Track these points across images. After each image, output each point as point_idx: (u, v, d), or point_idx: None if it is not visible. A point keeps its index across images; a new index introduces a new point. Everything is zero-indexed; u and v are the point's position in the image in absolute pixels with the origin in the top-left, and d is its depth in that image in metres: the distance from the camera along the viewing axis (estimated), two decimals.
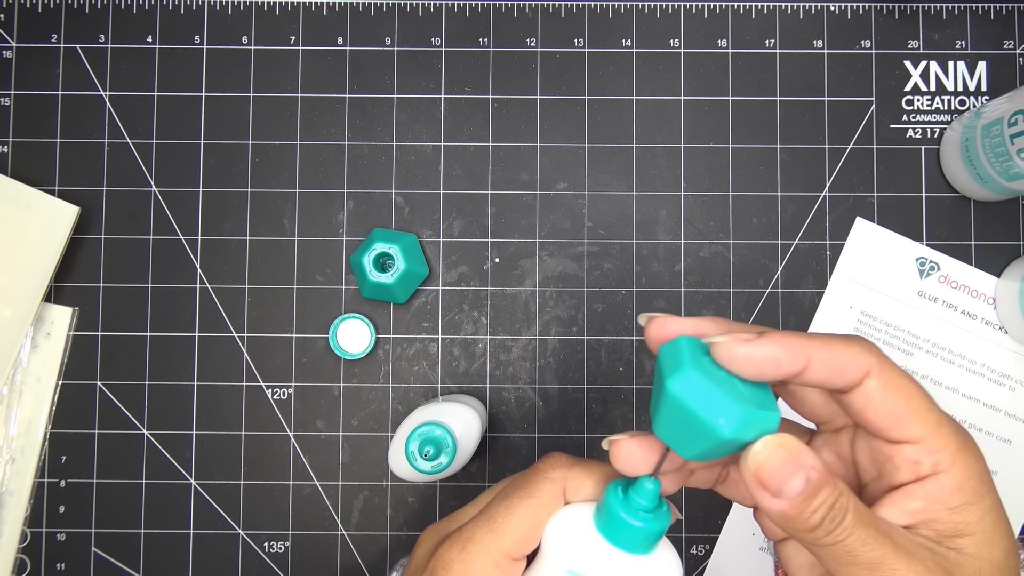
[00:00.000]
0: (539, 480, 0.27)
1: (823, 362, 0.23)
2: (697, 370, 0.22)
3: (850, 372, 0.23)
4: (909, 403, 0.23)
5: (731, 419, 0.21)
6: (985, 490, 0.23)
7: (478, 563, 0.26)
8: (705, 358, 0.23)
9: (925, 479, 0.23)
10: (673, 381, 0.22)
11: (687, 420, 0.22)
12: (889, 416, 0.23)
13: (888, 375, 0.23)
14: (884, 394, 0.23)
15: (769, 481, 0.22)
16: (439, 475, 0.39)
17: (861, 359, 0.23)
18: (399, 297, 0.43)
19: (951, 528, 0.23)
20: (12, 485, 0.43)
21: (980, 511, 0.23)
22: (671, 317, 0.25)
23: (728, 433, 0.21)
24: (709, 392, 0.22)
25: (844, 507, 0.22)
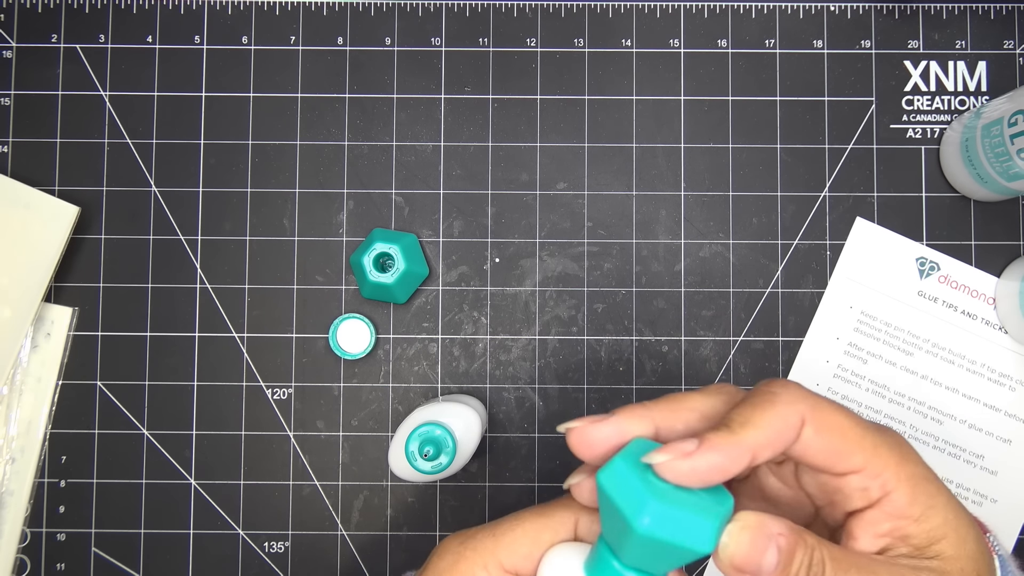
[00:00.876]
0: (557, 504, 0.27)
1: (765, 447, 0.23)
2: (658, 500, 0.22)
3: (789, 435, 0.23)
4: (844, 438, 0.23)
5: (707, 536, 0.22)
6: (936, 489, 0.24)
7: (470, 559, 0.26)
8: (648, 472, 0.23)
9: (879, 501, 0.24)
10: (641, 520, 0.21)
11: (663, 549, 0.22)
12: (829, 455, 0.24)
13: (820, 416, 0.23)
14: (819, 437, 0.23)
15: (746, 566, 0.22)
16: (439, 475, 0.39)
17: (793, 416, 0.23)
18: (399, 297, 0.43)
19: (925, 538, 0.23)
20: (12, 485, 0.43)
21: (942, 512, 0.23)
22: (591, 425, 0.24)
23: (708, 548, 0.22)
24: (679, 519, 0.22)
25: (821, 561, 0.23)
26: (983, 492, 0.44)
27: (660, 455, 0.22)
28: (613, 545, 0.23)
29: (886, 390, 0.44)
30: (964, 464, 0.44)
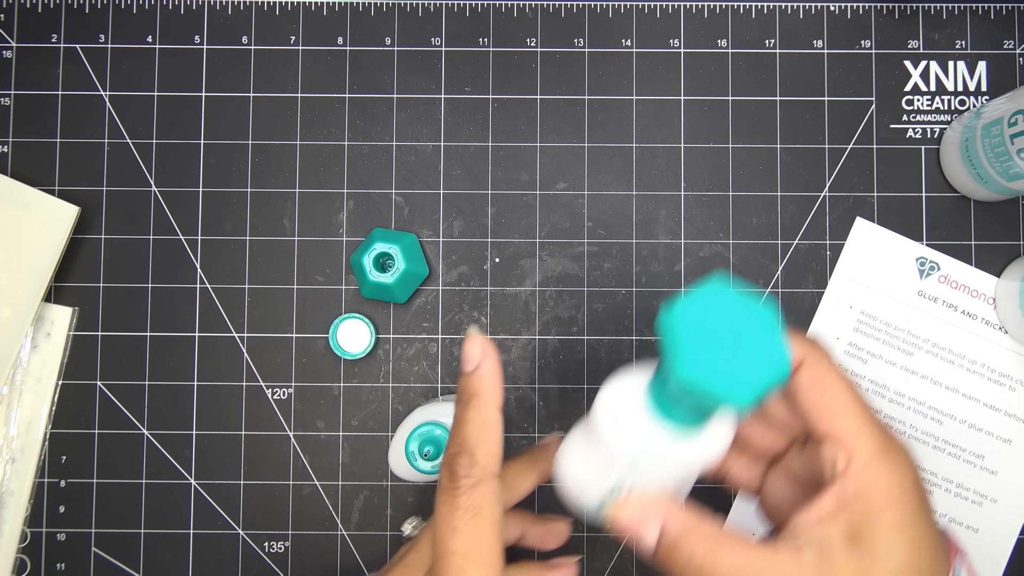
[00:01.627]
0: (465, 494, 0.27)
1: None
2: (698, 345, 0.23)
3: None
4: (835, 399, 0.25)
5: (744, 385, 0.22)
6: (893, 503, 0.24)
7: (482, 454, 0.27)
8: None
9: (839, 479, 0.24)
10: (678, 364, 0.22)
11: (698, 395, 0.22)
12: (814, 407, 0.25)
13: (820, 370, 0.25)
14: (810, 387, 0.25)
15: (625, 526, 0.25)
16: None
17: (796, 349, 0.25)
18: (399, 297, 0.43)
19: (851, 528, 0.24)
20: (12, 485, 0.43)
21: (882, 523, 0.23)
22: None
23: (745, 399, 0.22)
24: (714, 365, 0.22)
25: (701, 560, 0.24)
26: (983, 492, 0.44)
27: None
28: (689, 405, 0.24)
29: (886, 390, 0.44)
30: (964, 464, 0.44)
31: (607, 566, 0.44)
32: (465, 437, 0.28)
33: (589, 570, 0.44)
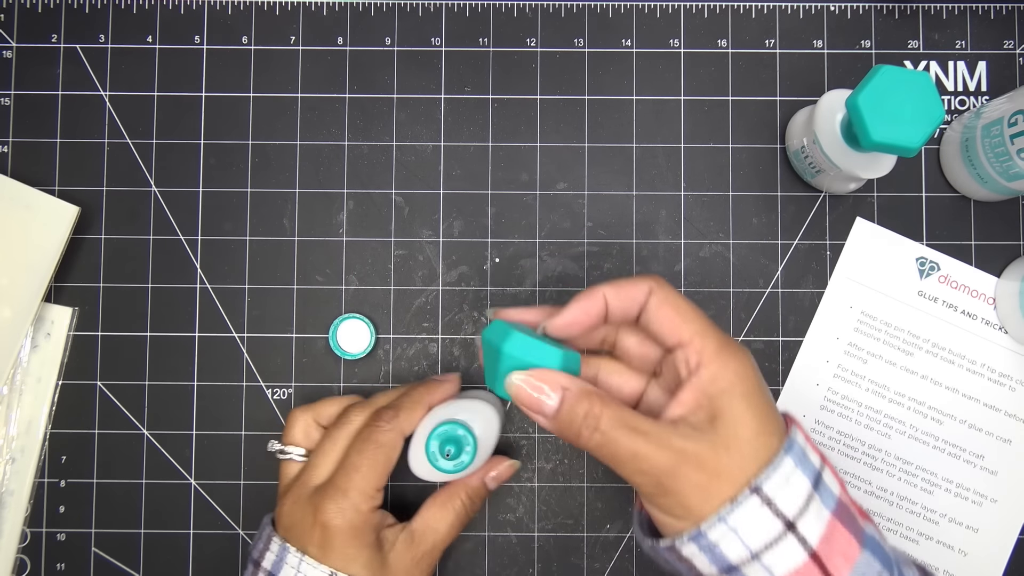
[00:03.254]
0: (380, 432, 0.37)
1: (614, 294, 0.31)
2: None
3: (636, 294, 0.31)
4: (679, 314, 0.31)
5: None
6: (738, 382, 0.29)
7: (363, 501, 0.36)
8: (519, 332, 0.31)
9: (692, 374, 0.30)
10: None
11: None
12: (664, 324, 0.31)
13: (663, 294, 0.31)
14: (660, 308, 0.31)
15: (527, 406, 0.30)
16: (461, 474, 0.38)
17: (643, 284, 0.31)
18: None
19: (709, 411, 0.29)
20: (12, 485, 0.43)
21: (732, 398, 0.29)
22: (511, 309, 0.34)
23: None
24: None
25: (597, 416, 0.29)
26: (983, 492, 0.44)
27: (548, 321, 0.32)
28: (489, 383, 0.32)
29: (886, 390, 0.44)
30: (964, 464, 0.44)
31: (607, 566, 0.44)
32: (401, 403, 0.38)
33: (589, 570, 0.44)
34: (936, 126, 0.36)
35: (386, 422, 0.37)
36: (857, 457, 0.44)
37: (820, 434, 0.44)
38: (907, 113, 0.35)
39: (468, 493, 0.39)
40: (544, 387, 0.30)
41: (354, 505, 0.36)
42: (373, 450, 0.36)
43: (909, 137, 0.35)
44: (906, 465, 0.44)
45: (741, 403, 0.29)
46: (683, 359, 0.30)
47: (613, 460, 0.29)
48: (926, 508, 0.44)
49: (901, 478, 0.44)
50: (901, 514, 0.44)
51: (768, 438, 0.29)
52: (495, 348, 0.30)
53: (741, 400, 0.29)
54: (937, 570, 0.44)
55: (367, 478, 0.36)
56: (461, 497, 0.39)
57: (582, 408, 0.29)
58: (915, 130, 0.35)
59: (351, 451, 0.37)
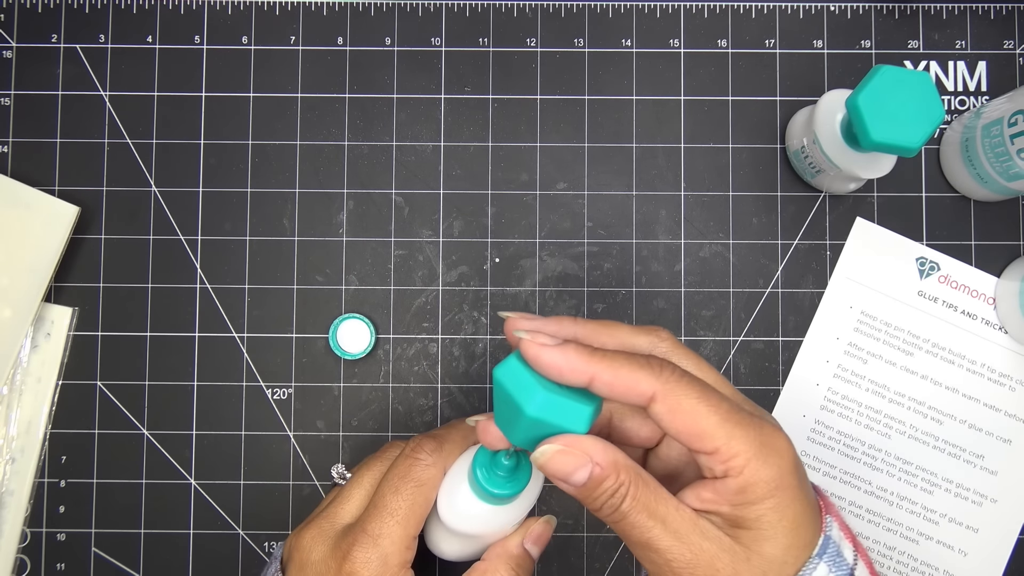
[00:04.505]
0: (420, 467, 0.32)
1: (605, 383, 0.26)
2: (520, 362, 0.27)
3: (633, 396, 0.26)
4: (696, 423, 0.26)
5: (535, 401, 0.26)
6: (770, 493, 0.26)
7: (395, 553, 0.31)
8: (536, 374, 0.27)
9: (717, 479, 0.26)
10: (498, 368, 0.27)
11: (507, 402, 0.26)
12: (680, 434, 0.26)
13: (674, 400, 0.26)
14: (671, 417, 0.26)
15: (554, 475, 0.27)
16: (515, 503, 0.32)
17: (644, 384, 0.26)
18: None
19: (734, 519, 0.26)
20: (12, 485, 0.43)
21: (760, 510, 0.26)
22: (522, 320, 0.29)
23: (531, 411, 0.26)
24: (524, 379, 0.26)
25: (623, 495, 0.26)
26: (983, 492, 0.44)
27: (525, 334, 0.27)
28: (503, 429, 0.28)
29: (886, 390, 0.44)
30: (964, 464, 0.44)
31: (607, 566, 0.44)
32: (444, 435, 0.33)
33: (589, 570, 0.44)
34: (936, 126, 0.36)
35: (427, 454, 0.32)
36: (857, 457, 0.44)
37: (820, 434, 0.44)
38: (907, 113, 0.35)
39: (512, 564, 0.33)
40: (575, 461, 0.26)
41: (383, 556, 0.31)
42: (412, 490, 0.32)
43: (909, 137, 0.35)
44: (906, 465, 0.44)
45: (772, 516, 0.26)
46: (706, 465, 0.26)
47: (626, 539, 0.27)
48: (926, 508, 0.44)
49: (901, 478, 0.44)
50: (901, 514, 0.44)
51: (799, 551, 0.26)
52: (515, 405, 0.26)
53: (772, 513, 0.26)
54: (937, 570, 0.44)
55: (403, 524, 0.31)
56: (503, 572, 0.33)
57: (609, 484, 0.26)
58: (915, 130, 0.35)
59: (385, 489, 0.32)
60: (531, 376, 0.26)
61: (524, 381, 0.26)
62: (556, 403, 0.26)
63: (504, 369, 0.27)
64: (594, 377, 0.26)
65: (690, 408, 0.26)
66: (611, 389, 0.26)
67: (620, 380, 0.26)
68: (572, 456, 0.26)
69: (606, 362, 0.26)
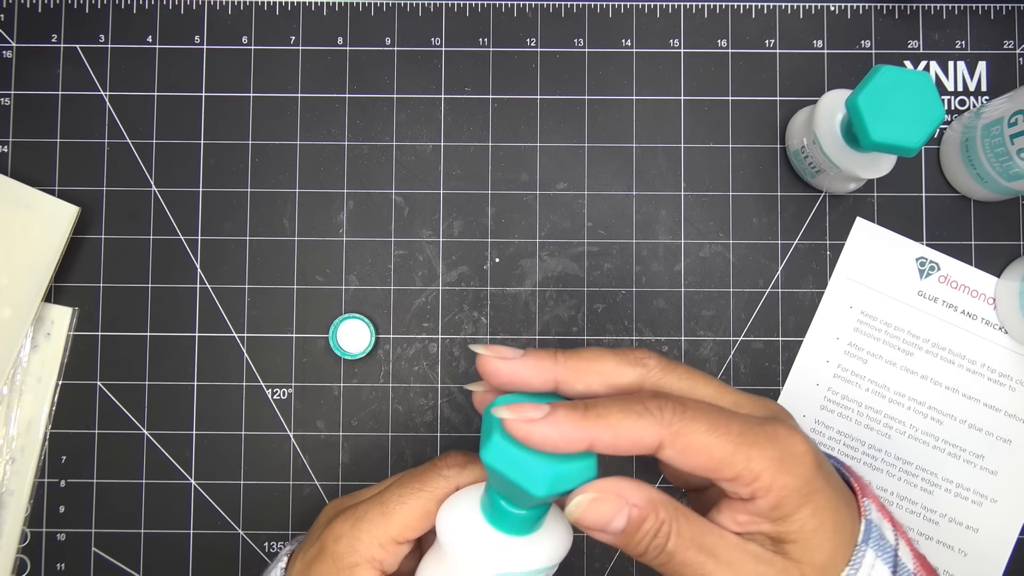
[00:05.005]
0: (434, 476, 0.30)
1: (607, 444, 0.24)
2: (504, 438, 0.24)
3: (639, 448, 0.25)
4: (711, 458, 0.24)
5: (541, 480, 0.24)
6: (803, 501, 0.25)
7: (365, 540, 0.29)
8: None
9: (747, 500, 0.25)
10: (484, 452, 0.24)
11: (507, 484, 0.24)
12: (697, 470, 0.25)
13: (681, 442, 0.24)
14: (683, 458, 0.25)
15: (592, 527, 0.25)
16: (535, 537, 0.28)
17: (648, 436, 0.24)
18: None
19: (777, 536, 0.25)
20: (12, 485, 0.43)
21: (799, 521, 0.25)
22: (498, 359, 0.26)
23: (542, 492, 0.24)
24: (517, 458, 0.24)
25: (667, 533, 0.25)
26: (983, 492, 0.44)
27: (508, 412, 0.24)
28: (507, 499, 0.26)
29: (886, 390, 0.44)
30: (964, 464, 0.44)
31: (607, 566, 0.44)
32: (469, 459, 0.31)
33: (589, 570, 0.44)
34: (936, 126, 0.36)
35: (448, 467, 0.30)
36: (857, 457, 0.44)
37: (820, 434, 0.44)
38: (907, 113, 0.35)
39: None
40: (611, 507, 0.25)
41: (355, 537, 0.29)
42: (414, 491, 0.30)
43: (909, 137, 0.35)
44: (906, 465, 0.44)
45: (812, 523, 0.25)
46: (731, 490, 0.25)
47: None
48: (926, 508, 0.44)
49: (901, 478, 0.44)
50: (901, 514, 0.44)
51: (846, 548, 0.26)
52: (518, 488, 0.24)
53: (812, 520, 0.25)
54: (937, 570, 0.44)
55: (387, 518, 0.29)
56: None
57: (650, 524, 0.25)
58: (915, 130, 0.35)
59: (393, 484, 0.31)
60: (523, 453, 0.24)
61: (519, 461, 0.24)
62: (562, 473, 0.24)
63: (492, 452, 0.24)
64: (593, 442, 0.24)
65: (701, 444, 0.24)
66: (614, 448, 0.25)
67: (622, 438, 0.24)
68: (607, 503, 0.25)
69: (602, 423, 0.24)
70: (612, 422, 0.24)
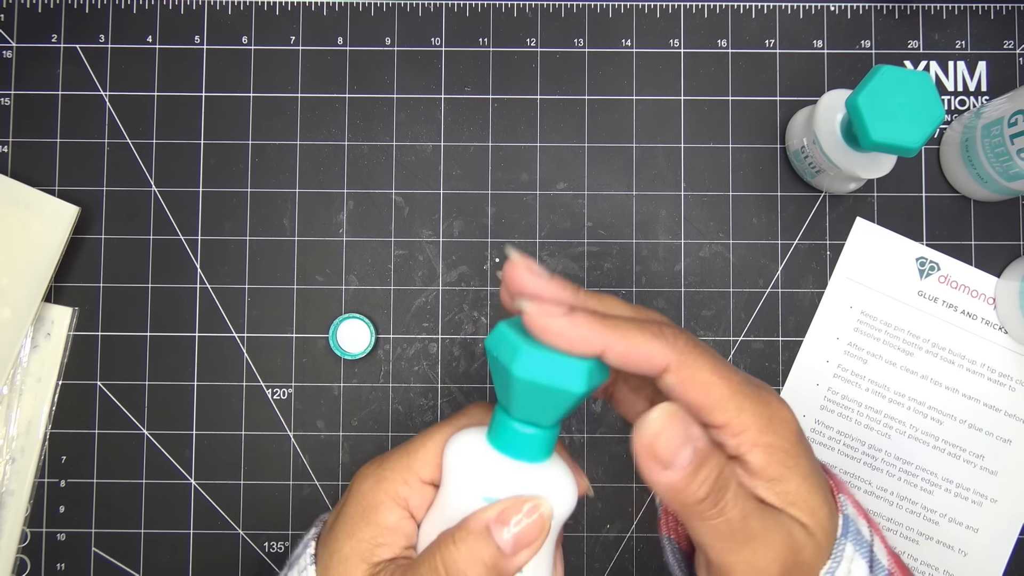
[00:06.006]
0: (458, 417, 0.29)
1: (618, 354, 0.24)
2: (530, 347, 0.24)
3: (646, 366, 0.24)
4: (708, 396, 0.24)
5: (579, 377, 0.24)
6: (791, 463, 0.25)
7: (389, 478, 0.28)
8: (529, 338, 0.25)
9: (737, 459, 0.25)
10: (516, 365, 0.24)
11: (537, 393, 0.24)
12: (691, 406, 0.25)
13: (687, 371, 0.24)
14: (683, 388, 0.24)
15: (663, 452, 0.23)
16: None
17: (658, 356, 0.24)
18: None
19: (778, 500, 0.25)
20: (12, 485, 0.43)
21: (794, 483, 0.25)
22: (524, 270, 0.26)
23: (581, 388, 0.24)
24: (551, 361, 0.24)
25: (727, 479, 0.24)
26: (983, 492, 0.44)
27: (529, 304, 0.24)
28: (505, 404, 0.25)
29: (886, 390, 0.44)
30: (964, 464, 0.44)
31: (607, 566, 0.44)
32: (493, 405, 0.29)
33: (589, 570, 0.44)
34: (936, 126, 0.36)
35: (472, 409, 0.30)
36: (857, 457, 0.44)
37: (820, 434, 0.44)
38: (907, 113, 0.35)
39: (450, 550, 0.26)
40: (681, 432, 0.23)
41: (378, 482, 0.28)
42: (437, 430, 0.29)
43: (909, 137, 0.35)
44: (906, 465, 0.44)
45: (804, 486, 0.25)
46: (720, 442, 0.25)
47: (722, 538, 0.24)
48: (926, 508, 0.44)
49: (901, 478, 0.44)
50: (901, 514, 0.44)
51: (834, 523, 0.26)
52: (505, 371, 0.24)
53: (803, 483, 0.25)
54: (937, 570, 0.44)
55: (412, 458, 0.28)
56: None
57: (715, 467, 0.23)
58: (915, 130, 0.35)
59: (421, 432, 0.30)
60: (520, 339, 0.24)
61: (512, 344, 0.24)
62: (547, 360, 0.24)
63: (494, 338, 0.25)
64: (607, 348, 0.24)
65: (703, 380, 0.24)
66: (624, 360, 0.24)
67: (634, 351, 0.24)
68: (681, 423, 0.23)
69: (619, 332, 0.24)
70: (628, 334, 0.24)
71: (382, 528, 0.28)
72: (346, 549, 0.28)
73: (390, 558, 0.27)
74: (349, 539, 0.28)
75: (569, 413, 0.25)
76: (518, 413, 0.25)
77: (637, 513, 0.44)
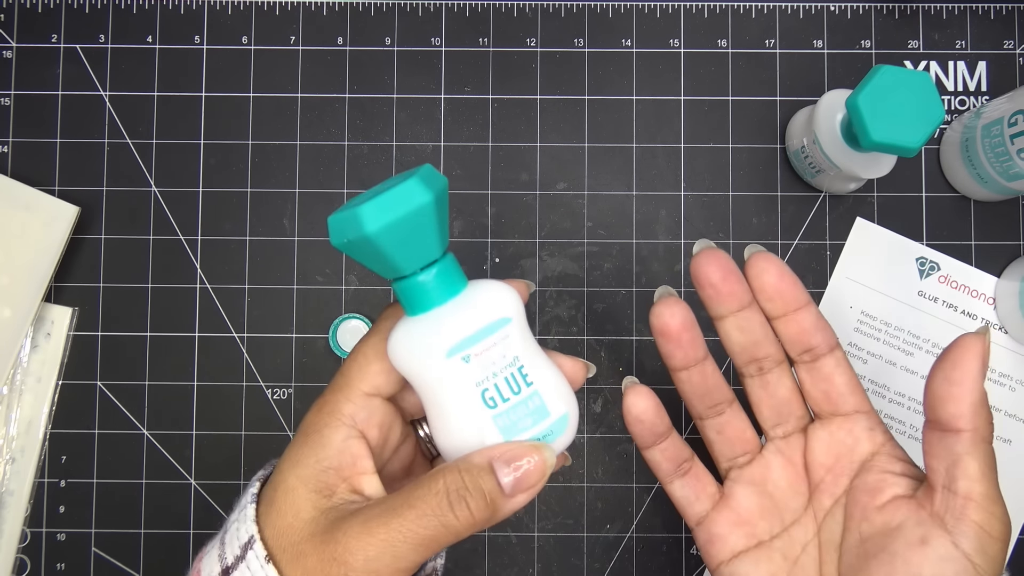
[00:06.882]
0: (377, 324, 0.29)
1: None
2: (363, 203, 0.24)
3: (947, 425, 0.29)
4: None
5: (418, 189, 0.25)
6: (990, 499, 0.31)
7: (330, 400, 0.28)
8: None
9: (953, 495, 0.31)
10: (366, 225, 0.24)
11: (404, 229, 0.24)
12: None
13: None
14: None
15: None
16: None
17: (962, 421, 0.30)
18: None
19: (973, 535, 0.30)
20: (12, 485, 0.43)
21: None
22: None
23: (429, 195, 0.24)
24: (387, 199, 0.24)
25: None
26: None
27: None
28: (391, 274, 0.26)
29: (886, 390, 0.44)
30: None
31: (607, 566, 0.44)
32: None
33: (589, 570, 0.44)
34: (936, 126, 0.36)
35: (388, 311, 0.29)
36: None
37: None
38: (907, 113, 0.35)
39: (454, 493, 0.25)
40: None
41: (320, 406, 0.28)
42: (363, 342, 0.29)
43: (909, 137, 0.35)
44: None
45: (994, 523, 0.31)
46: (940, 456, 0.30)
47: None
48: None
49: None
50: None
51: None
52: (361, 239, 0.24)
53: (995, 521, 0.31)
54: None
55: (346, 375, 0.28)
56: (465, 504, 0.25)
57: None
58: (915, 130, 0.35)
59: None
60: (350, 209, 0.24)
61: (349, 217, 0.24)
62: (384, 201, 0.24)
63: (333, 232, 0.25)
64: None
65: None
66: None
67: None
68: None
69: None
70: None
71: (328, 450, 0.27)
72: (291, 480, 0.27)
73: (342, 486, 0.26)
74: (294, 468, 0.27)
75: (441, 232, 0.25)
76: (403, 267, 0.25)
77: (637, 513, 0.44)
